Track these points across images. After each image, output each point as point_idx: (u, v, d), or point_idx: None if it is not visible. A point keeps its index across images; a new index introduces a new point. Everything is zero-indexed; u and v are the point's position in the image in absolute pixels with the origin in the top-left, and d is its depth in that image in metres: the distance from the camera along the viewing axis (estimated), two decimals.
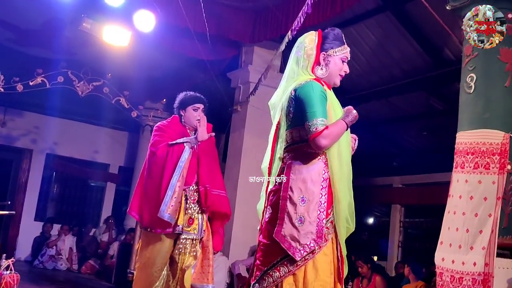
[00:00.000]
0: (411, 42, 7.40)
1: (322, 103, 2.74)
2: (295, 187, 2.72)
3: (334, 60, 2.95)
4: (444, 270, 4.58)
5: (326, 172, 2.75)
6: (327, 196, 2.72)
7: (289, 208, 2.69)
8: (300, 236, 2.63)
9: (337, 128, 2.75)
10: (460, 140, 4.75)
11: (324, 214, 2.68)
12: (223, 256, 7.41)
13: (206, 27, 6.62)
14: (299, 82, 2.82)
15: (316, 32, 2.99)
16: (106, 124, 11.61)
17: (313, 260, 2.64)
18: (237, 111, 8.03)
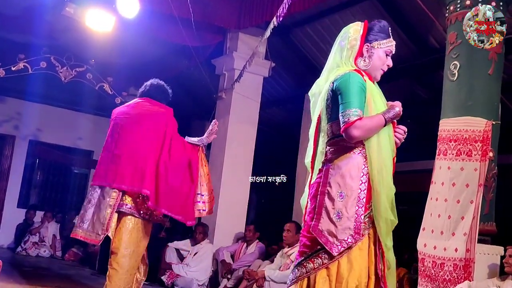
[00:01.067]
0: (396, 30, 7.39)
1: (359, 94, 2.67)
2: (333, 182, 2.68)
3: (378, 52, 2.88)
4: (426, 256, 4.64)
5: (366, 167, 2.68)
6: (367, 191, 2.65)
7: (327, 203, 2.66)
8: (337, 232, 2.60)
9: (373, 121, 2.67)
10: (443, 128, 4.80)
11: (363, 210, 2.63)
12: (209, 243, 7.42)
13: (190, 13, 6.57)
14: (338, 74, 2.76)
15: (362, 23, 2.91)
16: (89, 111, 11.51)
17: (347, 255, 2.61)
18: (222, 98, 8.00)
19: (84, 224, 3.99)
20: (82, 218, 4.03)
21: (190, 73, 8.95)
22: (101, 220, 3.92)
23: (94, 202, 4.00)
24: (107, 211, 3.93)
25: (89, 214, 3.99)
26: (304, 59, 8.84)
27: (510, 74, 6.78)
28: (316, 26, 8.12)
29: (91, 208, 4.00)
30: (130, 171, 3.97)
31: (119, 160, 4.01)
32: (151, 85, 4.40)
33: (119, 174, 3.97)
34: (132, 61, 9.03)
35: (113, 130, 4.19)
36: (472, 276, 4.37)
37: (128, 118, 4.14)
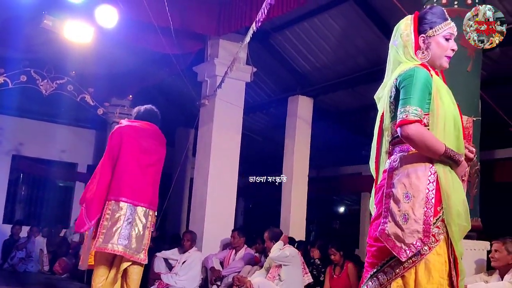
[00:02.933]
0: (374, 31, 7.46)
1: (422, 91, 2.46)
2: (398, 183, 2.49)
3: (436, 40, 2.62)
4: None
5: (434, 166, 2.45)
6: (435, 192, 2.42)
7: (392, 206, 2.47)
8: (405, 236, 2.39)
9: (432, 139, 2.42)
10: None
11: (432, 212, 2.41)
12: (197, 251, 7.39)
13: (170, 21, 6.56)
14: (403, 69, 2.56)
15: (411, 16, 2.71)
16: (72, 123, 11.46)
17: (424, 261, 2.40)
18: (205, 105, 7.99)
19: (124, 240, 4.23)
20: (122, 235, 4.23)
21: (172, 81, 8.93)
22: (141, 240, 4.28)
23: (131, 220, 4.27)
24: (146, 231, 4.33)
25: (126, 232, 4.25)
26: (285, 63, 8.88)
27: (489, 70, 6.87)
28: (296, 30, 8.16)
29: (128, 226, 4.26)
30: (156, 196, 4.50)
31: (152, 183, 4.43)
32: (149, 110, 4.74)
33: (154, 199, 4.44)
34: (113, 71, 8.99)
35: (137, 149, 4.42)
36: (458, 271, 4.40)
37: (154, 145, 4.54)
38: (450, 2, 4.92)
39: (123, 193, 4.27)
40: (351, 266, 6.36)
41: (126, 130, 4.46)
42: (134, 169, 4.34)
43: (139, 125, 4.57)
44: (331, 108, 9.79)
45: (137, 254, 4.24)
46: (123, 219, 4.23)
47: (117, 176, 4.31)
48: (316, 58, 8.52)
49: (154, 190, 4.44)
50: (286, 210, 8.75)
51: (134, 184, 4.32)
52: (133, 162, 4.35)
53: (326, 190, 11.42)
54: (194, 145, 8.86)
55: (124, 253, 4.20)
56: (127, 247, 4.19)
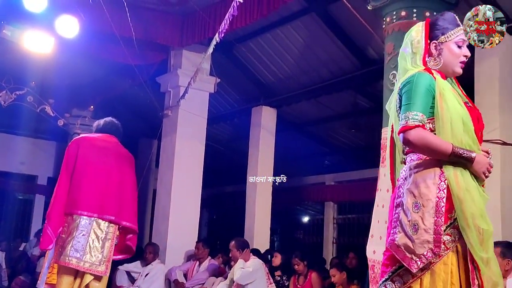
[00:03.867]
0: (336, 42, 7.57)
1: (424, 96, 2.41)
2: (407, 192, 2.44)
3: (448, 46, 2.58)
4: (376, 262, 4.71)
5: (444, 172, 2.39)
6: (446, 200, 2.37)
7: (402, 216, 2.43)
8: (415, 246, 2.35)
9: (436, 141, 2.38)
10: (385, 136, 4.91)
11: (442, 220, 2.35)
12: (160, 263, 7.31)
13: (132, 31, 6.52)
14: (406, 76, 2.53)
15: (422, 22, 2.67)
16: (31, 134, 11.22)
17: (430, 271, 2.35)
18: (168, 115, 7.95)
19: (77, 253, 4.12)
20: (75, 248, 4.12)
21: (134, 92, 8.86)
22: (101, 251, 4.18)
23: (88, 232, 4.16)
24: (107, 243, 4.22)
25: (82, 244, 4.14)
26: (248, 74, 8.92)
27: None
28: (259, 41, 8.22)
29: (82, 238, 4.15)
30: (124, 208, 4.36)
31: (114, 196, 4.31)
32: (110, 122, 4.66)
33: (118, 210, 4.30)
34: (74, 82, 8.86)
35: (94, 162, 4.32)
36: None
37: (113, 155, 4.43)
38: (409, 15, 5.04)
39: (78, 205, 4.18)
40: (315, 276, 6.40)
41: (83, 142, 4.39)
42: (90, 182, 4.25)
43: (97, 137, 4.50)
44: (294, 118, 9.87)
45: (96, 267, 4.15)
46: (77, 232, 4.13)
47: (73, 188, 4.22)
48: (279, 69, 8.59)
49: (120, 203, 4.34)
50: (250, 220, 8.75)
51: (91, 197, 4.22)
52: (89, 175, 4.26)
53: (290, 200, 11.47)
54: (157, 156, 8.80)
55: (77, 265, 4.10)
56: (80, 259, 4.09)
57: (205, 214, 13.38)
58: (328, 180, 11.13)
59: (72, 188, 4.23)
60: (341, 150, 10.76)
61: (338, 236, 10.88)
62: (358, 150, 10.29)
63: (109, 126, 4.64)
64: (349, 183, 10.67)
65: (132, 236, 4.46)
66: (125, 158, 4.53)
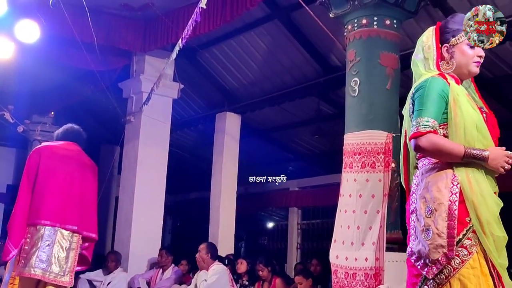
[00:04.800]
0: (299, 49, 7.63)
1: (437, 102, 2.38)
2: (420, 198, 2.42)
3: (460, 48, 2.52)
4: (339, 267, 4.76)
5: (456, 175, 2.36)
6: (459, 203, 2.33)
7: (415, 222, 2.41)
8: (429, 252, 2.31)
9: (448, 145, 2.35)
10: (348, 142, 4.98)
11: (456, 224, 2.30)
12: (122, 271, 7.21)
13: (94, 37, 6.44)
14: (419, 81, 2.49)
15: (433, 27, 2.62)
16: None
17: (458, 277, 2.29)
18: (130, 121, 7.87)
19: (42, 263, 4.06)
20: (40, 258, 4.05)
21: (96, 97, 8.74)
22: (65, 262, 4.14)
23: (50, 243, 4.11)
24: (71, 254, 4.19)
25: (46, 255, 4.08)
26: (212, 80, 8.91)
27: (407, 88, 7.16)
28: (223, 47, 8.22)
29: (47, 248, 4.09)
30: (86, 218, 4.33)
31: (77, 205, 4.27)
32: (70, 130, 4.59)
33: (80, 220, 4.26)
34: (35, 88, 8.69)
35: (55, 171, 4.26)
36: (382, 283, 4.53)
37: (75, 164, 4.36)
38: (370, 23, 5.12)
39: (41, 215, 4.11)
40: (279, 282, 6.41)
41: (44, 151, 4.31)
42: (53, 191, 4.18)
43: (58, 145, 4.43)
44: (258, 124, 9.90)
45: (61, 277, 4.09)
46: (41, 242, 4.06)
47: (35, 198, 4.14)
48: (243, 75, 8.61)
49: (82, 212, 4.29)
50: (214, 227, 8.72)
51: (53, 206, 4.16)
52: (51, 184, 4.19)
53: (254, 206, 11.48)
54: (120, 163, 8.69)
55: (43, 277, 4.04)
56: (46, 270, 4.03)
57: (169, 221, 13.27)
58: (292, 186, 11.17)
59: (34, 198, 4.15)
60: (304, 156, 10.84)
61: (302, 242, 10.93)
62: (322, 156, 10.38)
63: (69, 133, 4.57)
64: (313, 189, 10.74)
65: (89, 245, 4.41)
66: (88, 166, 4.47)
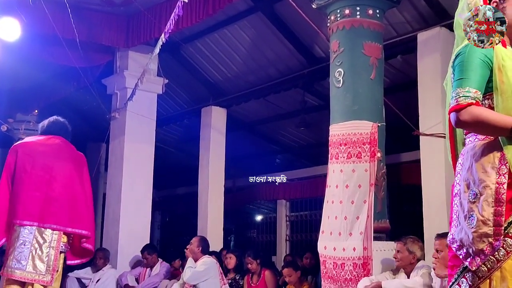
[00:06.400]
0: (283, 41, 7.62)
1: (479, 69, 2.10)
2: (463, 180, 2.16)
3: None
4: (327, 257, 4.79)
5: (506, 154, 2.07)
6: (508, 186, 2.05)
7: (458, 206, 2.16)
8: (473, 241, 2.05)
9: (494, 118, 2.04)
10: (333, 133, 4.99)
11: (504, 210, 2.04)
12: (111, 268, 7.19)
13: (75, 33, 6.38)
14: (459, 47, 2.21)
15: None
16: None
17: (501, 269, 2.04)
18: (115, 118, 7.82)
19: (19, 264, 3.98)
20: (17, 258, 3.97)
21: (80, 95, 8.68)
22: (44, 261, 4.02)
23: (30, 242, 4.00)
24: (51, 251, 4.05)
25: (25, 255, 3.99)
26: (197, 74, 8.88)
27: (391, 77, 7.20)
28: (206, 41, 8.19)
29: (26, 248, 4.00)
30: (70, 213, 4.17)
31: (57, 202, 4.13)
32: (55, 122, 4.49)
33: (62, 216, 4.13)
34: (17, 86, 8.60)
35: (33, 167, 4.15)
36: (371, 272, 4.56)
37: (55, 159, 4.23)
38: (353, 13, 5.13)
39: (17, 215, 4.02)
40: (268, 274, 6.42)
41: (20, 148, 4.22)
42: (29, 189, 4.07)
43: (36, 141, 4.32)
44: (244, 118, 9.88)
45: (42, 277, 4.00)
46: (18, 242, 3.97)
47: (12, 198, 4.05)
48: (228, 68, 8.58)
49: (65, 208, 4.16)
50: (203, 221, 8.71)
51: (29, 205, 4.05)
52: (27, 182, 4.08)
53: (242, 199, 11.48)
54: (106, 160, 8.64)
55: (20, 277, 3.95)
56: (23, 270, 3.94)
57: (157, 216, 13.23)
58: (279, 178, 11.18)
59: (11, 198, 4.06)
60: (291, 148, 10.85)
61: (291, 234, 10.96)
62: (308, 147, 10.39)
63: (53, 126, 4.46)
64: (300, 181, 10.76)
65: (88, 239, 4.31)
66: (71, 159, 4.34)
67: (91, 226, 4.33)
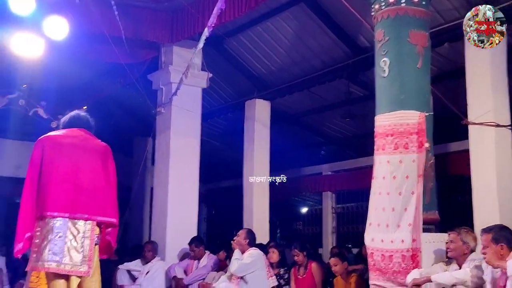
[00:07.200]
0: (327, 32, 7.56)
1: None
2: None
3: None
4: (375, 250, 4.73)
5: None
6: None
7: None
8: None
9: None
10: (379, 123, 4.91)
11: None
12: (160, 260, 7.31)
13: (121, 30, 6.49)
14: None
15: None
16: (25, 138, 11.13)
17: None
18: (161, 113, 7.92)
19: (56, 256, 3.97)
20: (53, 251, 3.97)
21: (126, 91, 8.83)
22: (80, 251, 4.03)
23: (64, 234, 4.01)
24: (86, 242, 4.06)
25: (60, 247, 3.99)
26: (240, 67, 8.90)
27: (438, 65, 7.04)
28: (249, 34, 8.20)
29: (61, 240, 4.00)
30: (98, 203, 4.16)
31: (85, 192, 4.13)
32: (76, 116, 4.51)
33: (91, 206, 4.11)
34: (66, 83, 8.82)
35: (65, 160, 4.15)
36: (420, 265, 4.49)
37: (80, 150, 4.23)
38: (397, 1, 5.01)
39: (48, 207, 4.02)
40: (315, 266, 6.40)
41: (46, 141, 4.21)
42: (58, 182, 4.07)
43: (61, 134, 4.34)
44: (288, 110, 9.86)
45: (78, 267, 4.00)
46: (52, 235, 3.98)
47: (41, 191, 4.06)
48: (271, 61, 8.57)
49: (93, 198, 4.14)
50: (248, 214, 8.75)
51: (60, 197, 4.05)
52: (56, 174, 4.09)
53: (288, 192, 11.48)
54: (153, 154, 8.77)
55: (57, 269, 3.96)
56: (60, 262, 3.95)
57: (203, 209, 13.38)
58: (324, 170, 11.14)
59: (40, 191, 4.06)
60: (336, 140, 10.77)
61: (337, 225, 10.90)
62: (353, 138, 10.30)
63: (74, 120, 4.46)
64: (346, 172, 10.68)
65: (112, 230, 4.28)
66: (95, 150, 4.30)
67: (117, 216, 4.29)
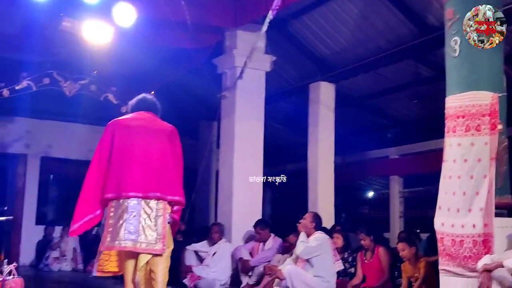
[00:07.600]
0: (393, 11, 7.36)
1: None
2: None
3: None
4: (445, 234, 4.61)
5: None
6: None
7: None
8: None
9: None
10: (450, 105, 4.75)
11: None
12: (226, 242, 7.43)
13: (186, 16, 6.57)
14: None
15: None
16: (95, 122, 11.50)
17: None
18: (226, 97, 7.99)
19: (132, 235, 4.13)
20: (129, 230, 4.13)
21: (192, 75, 8.95)
22: (154, 229, 4.18)
23: (138, 213, 4.16)
24: (159, 220, 4.20)
25: (135, 226, 4.15)
26: (304, 50, 8.82)
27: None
28: (314, 16, 8.10)
29: (135, 219, 4.15)
30: (167, 183, 4.29)
31: (156, 172, 4.27)
32: (142, 99, 4.63)
33: (162, 186, 4.25)
34: (133, 69, 9.04)
35: (129, 142, 4.31)
36: (492, 250, 4.34)
37: (149, 132, 4.38)
38: None
39: (122, 188, 4.18)
40: (382, 250, 6.33)
41: (116, 125, 4.37)
42: (131, 163, 4.23)
43: (130, 117, 4.47)
44: (353, 92, 9.71)
45: (152, 245, 4.15)
46: (127, 214, 4.13)
47: (114, 173, 4.21)
48: (336, 42, 8.44)
49: (163, 178, 4.28)
50: (313, 198, 8.73)
51: (133, 178, 4.20)
52: (128, 156, 4.24)
53: (353, 176, 11.36)
54: (218, 138, 8.87)
55: (134, 247, 4.12)
56: (136, 241, 4.10)
57: (268, 192, 13.44)
58: (391, 154, 10.92)
59: (112, 173, 4.22)
60: (403, 122, 10.53)
61: (405, 210, 10.70)
62: (422, 121, 10.02)
63: (141, 103, 4.60)
64: (413, 155, 10.44)
65: (177, 208, 4.44)
66: (162, 131, 4.42)
67: (183, 195, 4.40)
